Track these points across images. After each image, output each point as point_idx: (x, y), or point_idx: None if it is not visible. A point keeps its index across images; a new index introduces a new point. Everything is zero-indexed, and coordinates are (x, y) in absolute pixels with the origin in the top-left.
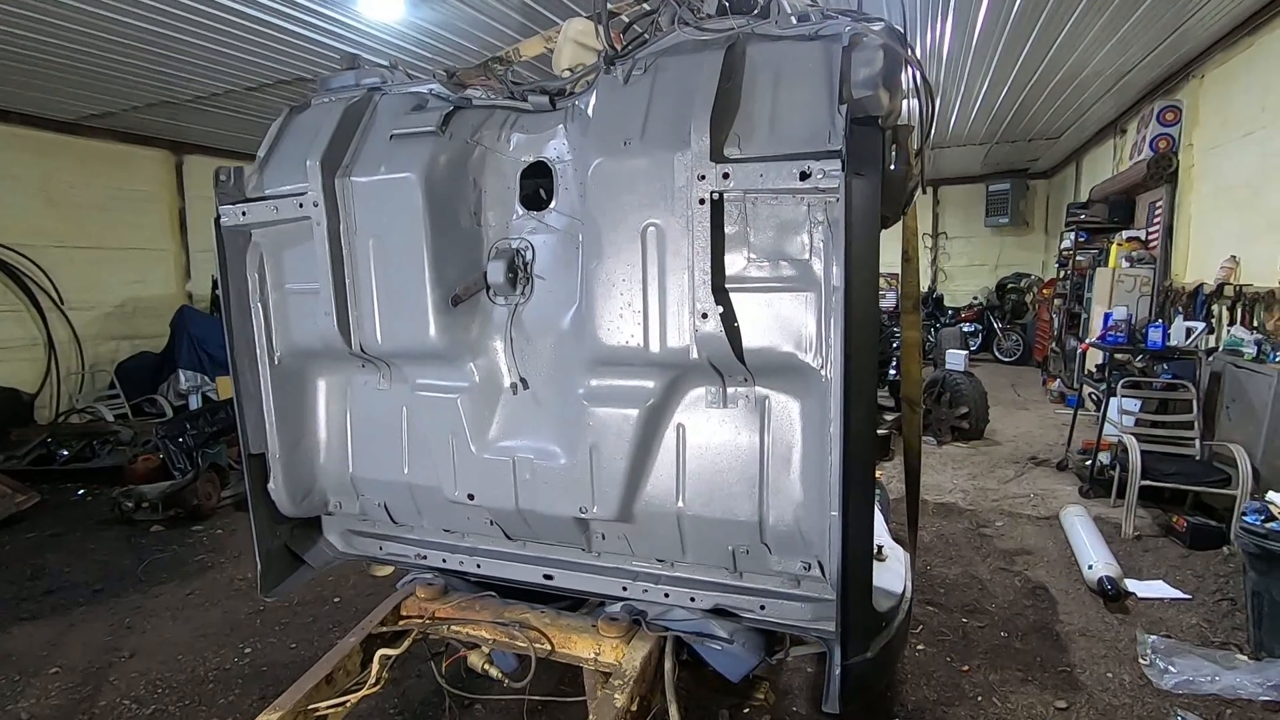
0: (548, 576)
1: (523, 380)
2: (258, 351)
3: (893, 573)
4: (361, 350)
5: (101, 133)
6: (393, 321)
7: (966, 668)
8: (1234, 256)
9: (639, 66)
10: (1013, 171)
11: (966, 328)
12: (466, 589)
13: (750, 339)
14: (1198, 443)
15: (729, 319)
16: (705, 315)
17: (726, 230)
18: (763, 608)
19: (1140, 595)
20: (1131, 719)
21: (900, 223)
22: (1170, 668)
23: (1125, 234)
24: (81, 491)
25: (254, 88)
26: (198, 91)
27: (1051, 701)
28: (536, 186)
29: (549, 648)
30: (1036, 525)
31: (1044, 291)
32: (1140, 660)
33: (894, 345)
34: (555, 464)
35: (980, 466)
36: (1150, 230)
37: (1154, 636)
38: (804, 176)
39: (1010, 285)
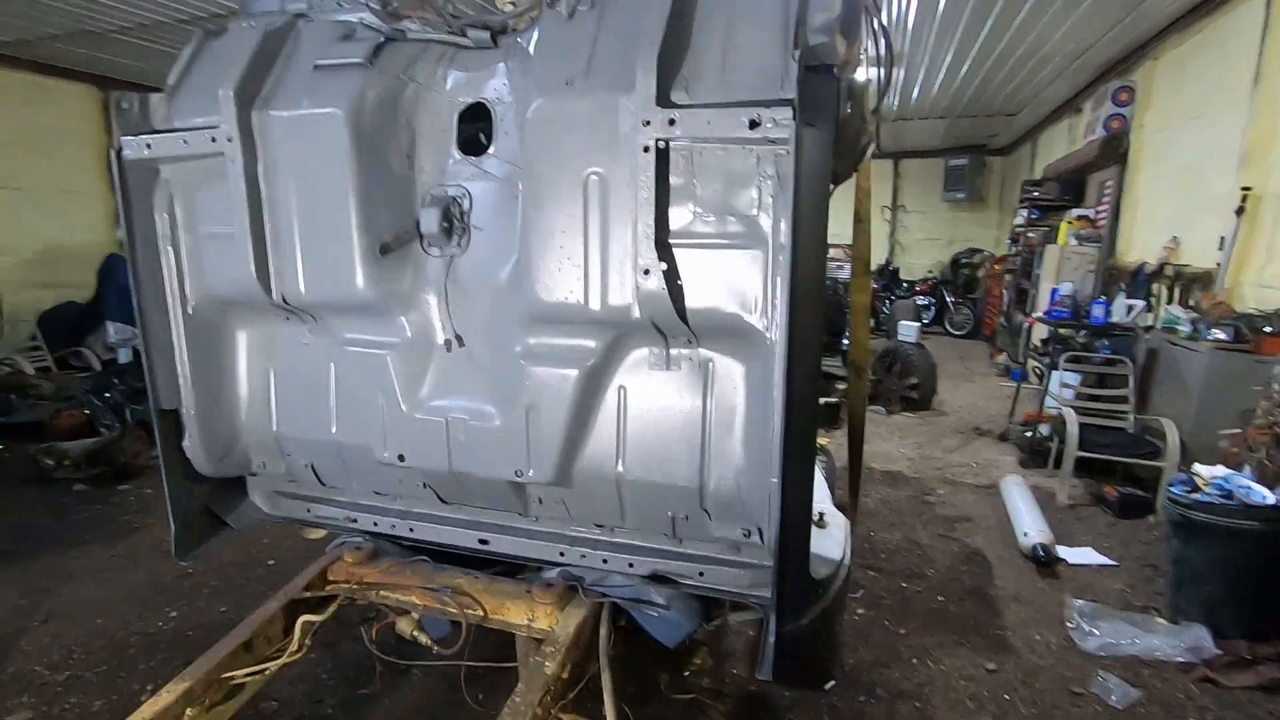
0: (483, 541)
1: (458, 337)
2: (169, 299)
3: (833, 540)
4: (283, 301)
5: (16, 62)
6: (317, 270)
7: (904, 631)
8: (1175, 237)
9: (585, 1)
10: (971, 147)
11: (920, 300)
12: (399, 554)
13: (694, 298)
14: (1132, 416)
15: (672, 276)
16: (648, 271)
17: (672, 181)
18: (701, 574)
19: (1070, 561)
20: (1055, 679)
21: (853, 183)
22: (1094, 630)
23: (1075, 212)
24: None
25: (186, 20)
26: (123, 21)
27: (982, 663)
28: (476, 130)
29: (481, 614)
30: (976, 494)
31: (995, 267)
32: (1067, 624)
33: (847, 314)
34: (490, 425)
35: (926, 436)
36: (1099, 209)
37: (1080, 601)
38: (753, 125)
39: (964, 260)
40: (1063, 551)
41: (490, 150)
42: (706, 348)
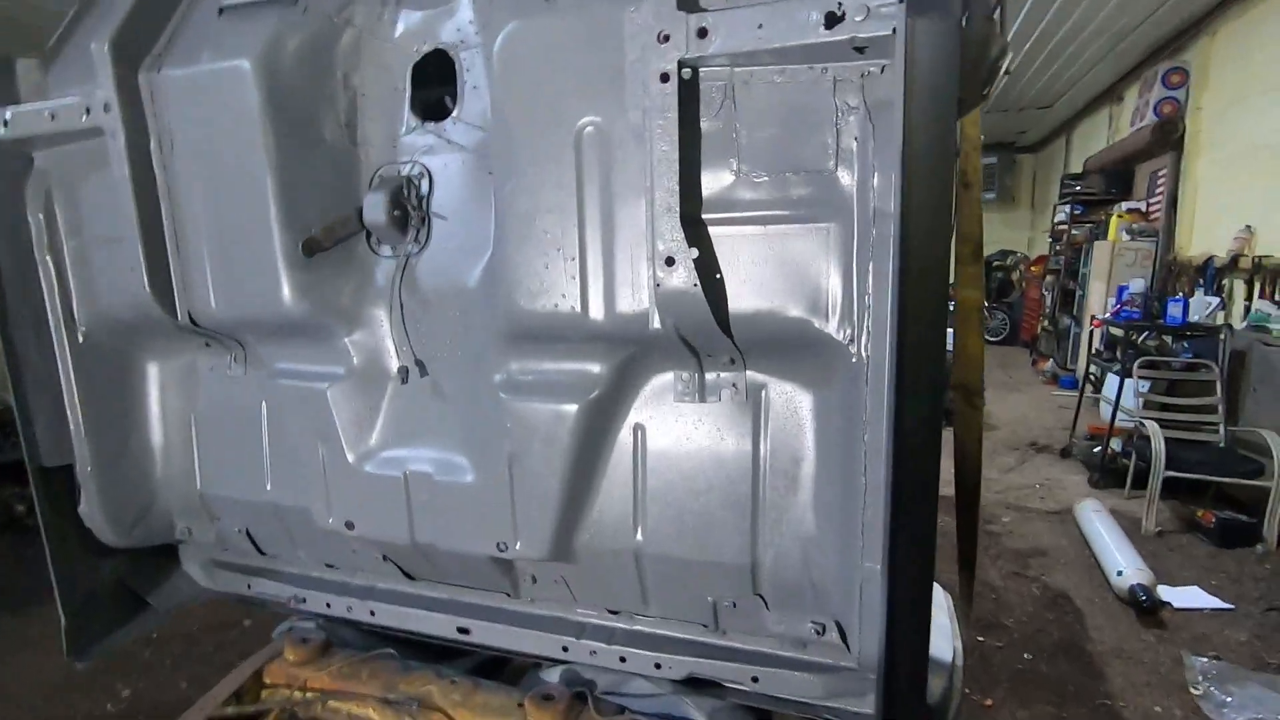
0: (463, 630)
1: (418, 363)
2: (51, 323)
3: (936, 630)
4: (192, 321)
5: None
6: (231, 280)
7: (990, 702)
8: (1249, 226)
9: None
10: (1000, 145)
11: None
12: (361, 642)
13: (740, 298)
14: (1222, 428)
15: (707, 267)
16: (671, 261)
17: (704, 126)
18: (755, 680)
19: (1177, 605)
20: None
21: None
22: (1228, 698)
23: (1125, 205)
24: None
25: None
26: None
27: None
28: (436, 90)
29: None
30: (1048, 521)
31: (1032, 269)
32: (1191, 690)
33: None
34: (462, 482)
35: None
36: (1152, 201)
37: (1202, 659)
38: (832, 21)
39: (995, 263)
40: (1165, 593)
41: (455, 113)
42: (758, 369)
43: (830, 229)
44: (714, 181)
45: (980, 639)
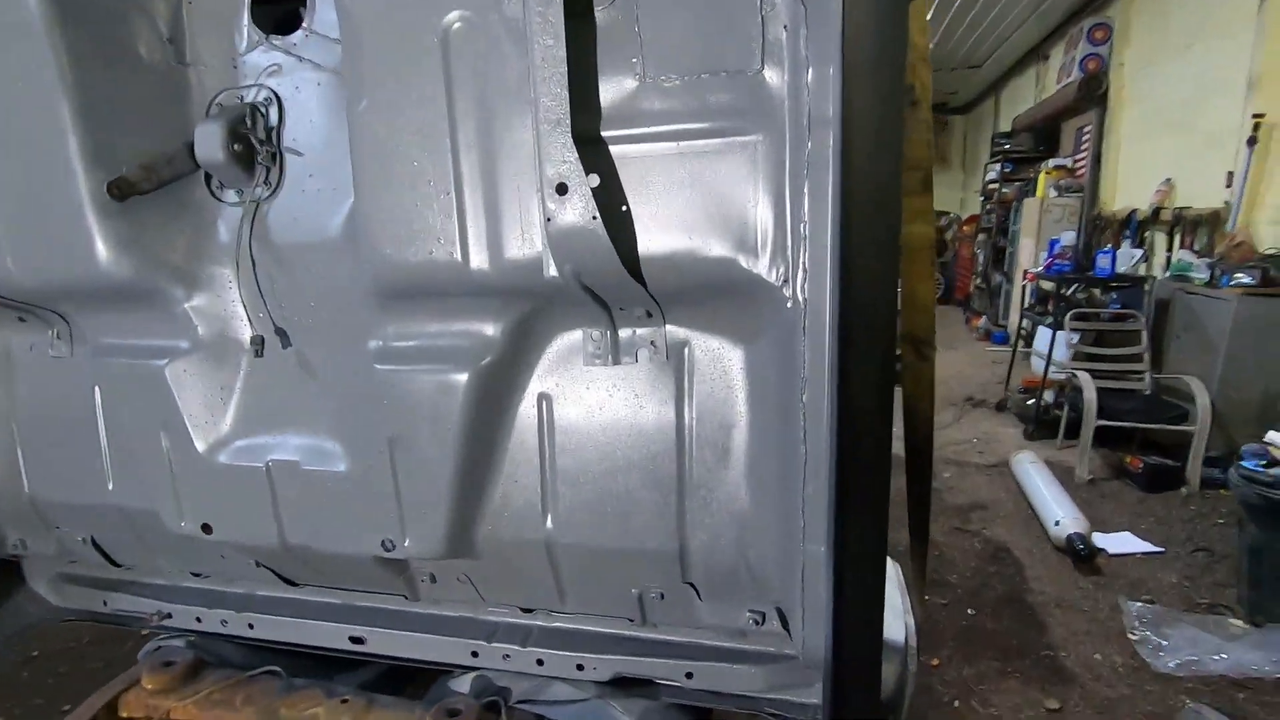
0: (356, 640)
1: (279, 332)
2: None
3: (887, 608)
4: None
5: None
6: (30, 236)
7: (936, 661)
8: (1169, 179)
9: None
10: (931, 106)
11: None
12: (244, 659)
13: (651, 235)
14: (1148, 376)
15: (610, 197)
16: (564, 189)
17: (599, 16)
18: (690, 675)
19: (1111, 552)
20: (1135, 716)
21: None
22: (1164, 641)
23: (1052, 162)
24: None
25: None
26: None
27: (1040, 700)
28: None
29: None
30: (986, 474)
31: (964, 228)
32: (1129, 635)
33: None
34: (334, 471)
35: None
36: (1078, 158)
37: (1137, 604)
38: None
39: None
40: (1099, 539)
41: (305, 24)
42: (679, 323)
43: (757, 143)
44: (614, 89)
45: (925, 596)
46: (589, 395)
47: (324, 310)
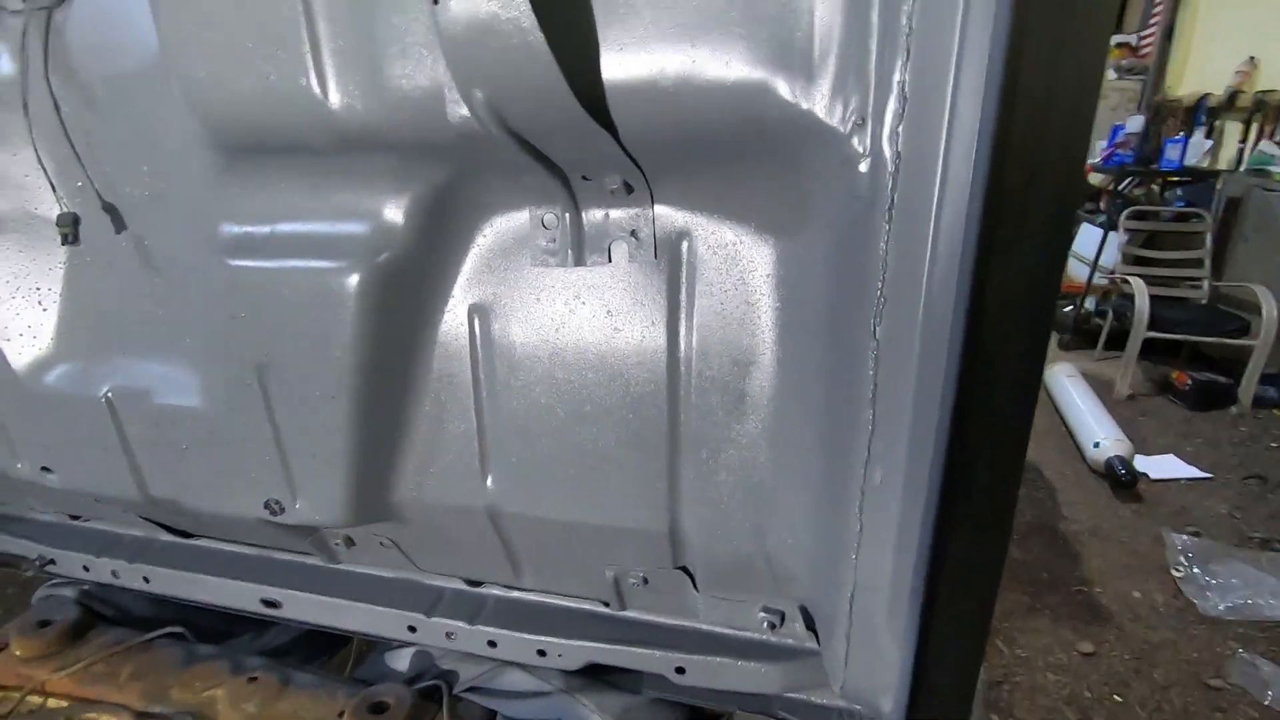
0: (270, 604)
1: (108, 208)
2: None
3: None
4: None
5: None
6: None
7: None
8: (1252, 59)
9: None
10: None
11: None
12: (145, 611)
13: (624, 47)
14: (1206, 284)
15: None
16: None
17: None
18: (681, 671)
19: (1153, 476)
20: (1178, 666)
21: None
22: (1211, 580)
23: (1114, 40)
24: None
25: None
26: None
27: (1073, 642)
28: None
29: None
30: None
31: None
32: (1173, 571)
33: None
34: (193, 406)
35: None
36: (1144, 35)
37: (1182, 536)
38: None
39: None
40: (1141, 462)
41: None
42: (673, 201)
43: None
44: None
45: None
46: (541, 310)
47: (160, 177)
